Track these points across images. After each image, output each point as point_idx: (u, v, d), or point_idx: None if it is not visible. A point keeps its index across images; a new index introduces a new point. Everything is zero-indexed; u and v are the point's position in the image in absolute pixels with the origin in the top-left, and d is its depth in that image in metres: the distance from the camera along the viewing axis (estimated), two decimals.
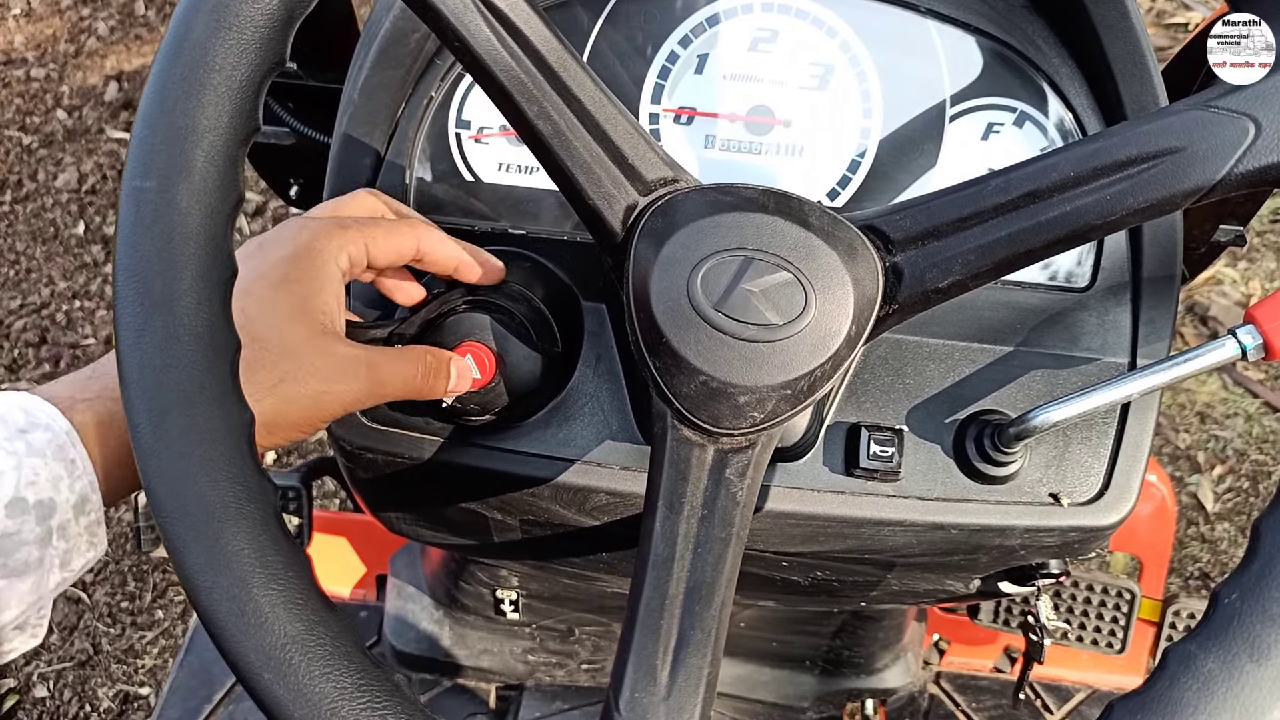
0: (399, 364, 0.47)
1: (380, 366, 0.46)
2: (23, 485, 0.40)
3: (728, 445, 0.41)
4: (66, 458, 0.42)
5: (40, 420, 0.42)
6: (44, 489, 0.41)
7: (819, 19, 0.58)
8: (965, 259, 0.42)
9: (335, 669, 0.34)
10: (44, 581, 0.42)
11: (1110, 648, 1.00)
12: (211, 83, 0.36)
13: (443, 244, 0.50)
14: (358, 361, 0.45)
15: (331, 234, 0.46)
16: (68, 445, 0.42)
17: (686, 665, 0.38)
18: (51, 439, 0.42)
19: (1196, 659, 0.35)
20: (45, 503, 0.41)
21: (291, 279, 0.44)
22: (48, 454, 0.41)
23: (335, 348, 0.45)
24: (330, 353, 0.44)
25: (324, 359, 0.44)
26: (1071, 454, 0.55)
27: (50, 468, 0.41)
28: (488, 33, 0.41)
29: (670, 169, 0.44)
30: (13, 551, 0.40)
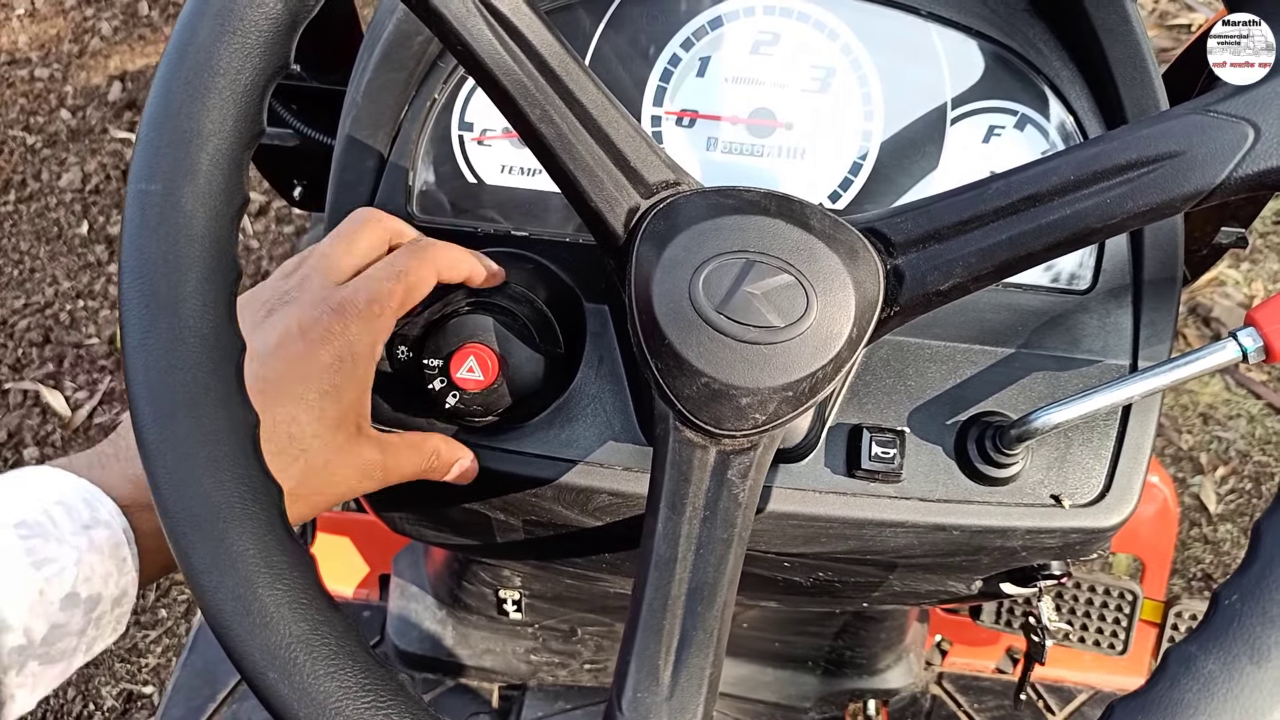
0: (410, 456, 0.50)
1: (392, 470, 0.49)
2: (79, 581, 0.41)
3: (730, 447, 0.42)
4: (120, 556, 0.43)
5: (102, 517, 0.43)
6: (96, 585, 0.42)
7: (820, 22, 0.58)
8: (966, 262, 0.42)
9: (340, 668, 0.34)
10: (70, 667, 0.43)
11: (1112, 649, 1.00)
12: (216, 87, 0.36)
13: (454, 266, 0.51)
14: (376, 466, 0.48)
15: (369, 327, 0.47)
16: (123, 544, 0.43)
17: (689, 666, 0.38)
18: (110, 537, 0.43)
19: (1197, 660, 0.35)
20: (94, 598, 0.42)
21: (339, 388, 0.46)
22: (105, 551, 0.42)
23: (362, 452, 0.47)
24: (357, 457, 0.47)
25: (352, 464, 0.47)
26: (1073, 456, 0.55)
27: (105, 565, 0.42)
28: (490, 36, 0.41)
29: (672, 171, 0.44)
30: (56, 641, 0.41)
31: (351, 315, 0.46)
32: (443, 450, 0.52)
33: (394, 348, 0.52)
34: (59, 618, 0.41)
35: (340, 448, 0.46)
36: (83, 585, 0.41)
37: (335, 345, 0.46)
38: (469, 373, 0.50)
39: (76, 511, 0.42)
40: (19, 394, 1.93)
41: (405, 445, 0.50)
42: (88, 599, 0.42)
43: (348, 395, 0.46)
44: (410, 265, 0.48)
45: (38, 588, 0.40)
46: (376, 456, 0.48)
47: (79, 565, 0.41)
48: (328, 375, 0.45)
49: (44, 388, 1.93)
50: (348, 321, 0.46)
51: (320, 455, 0.45)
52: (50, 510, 0.42)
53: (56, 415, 1.90)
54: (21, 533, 0.41)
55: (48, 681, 0.42)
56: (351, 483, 0.47)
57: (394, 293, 0.47)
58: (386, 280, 0.48)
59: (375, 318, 0.47)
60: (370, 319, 0.47)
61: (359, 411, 0.47)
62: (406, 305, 0.49)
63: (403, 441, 0.50)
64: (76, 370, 1.97)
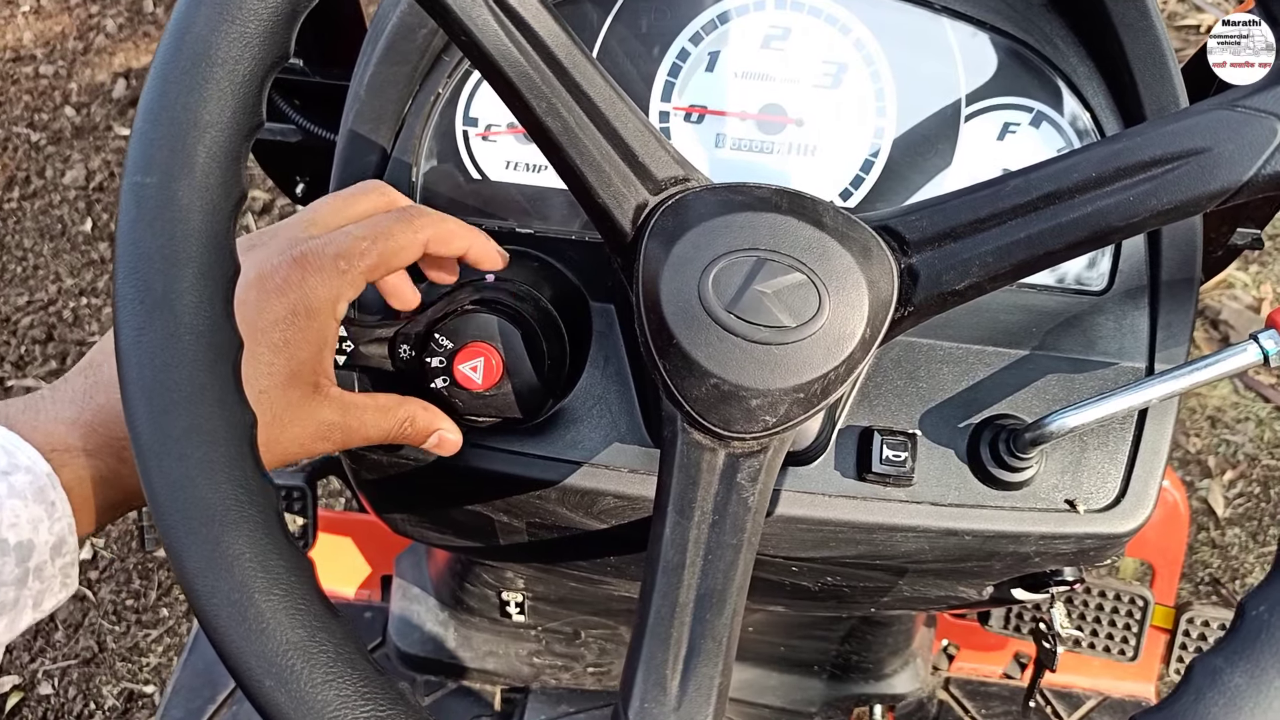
0: (376, 419, 0.47)
1: (353, 433, 0.46)
2: (4, 527, 0.40)
3: (739, 449, 0.41)
4: (47, 500, 0.41)
5: (21, 462, 0.41)
6: (24, 530, 0.40)
7: (832, 16, 0.57)
8: (983, 261, 0.41)
9: (338, 676, 0.33)
10: (17, 622, 0.41)
11: (1123, 655, 0.99)
12: (214, 77, 0.35)
13: (448, 239, 0.48)
14: (334, 427, 0.46)
15: (330, 282, 0.44)
16: (48, 488, 0.41)
17: (697, 675, 0.37)
18: (32, 481, 0.41)
19: (1223, 673, 0.34)
20: (25, 544, 0.40)
21: (291, 344, 0.43)
22: (28, 496, 0.40)
23: (318, 412, 0.45)
24: (313, 417, 0.45)
25: (305, 424, 0.45)
26: (1088, 460, 0.54)
27: (30, 510, 0.40)
28: (496, 28, 0.40)
29: (681, 167, 0.43)
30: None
31: (312, 267, 0.44)
32: (419, 417, 0.49)
33: (396, 346, 0.51)
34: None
35: (292, 404, 0.44)
36: (9, 531, 0.40)
37: (290, 297, 0.43)
38: (472, 372, 0.49)
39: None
40: (21, 391, 1.93)
41: (373, 408, 0.47)
42: (18, 545, 0.40)
43: (301, 352, 0.44)
44: (393, 229, 0.46)
45: None
46: (334, 417, 0.45)
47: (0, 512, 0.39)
48: (279, 329, 0.43)
49: (46, 385, 1.92)
50: (306, 273, 0.43)
51: (268, 411, 0.43)
52: None
53: None
54: None
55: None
56: (304, 441, 0.45)
57: (365, 251, 0.45)
58: (363, 238, 0.45)
59: (340, 273, 0.44)
60: (333, 273, 0.44)
61: (315, 369, 0.45)
62: (381, 269, 0.46)
63: (371, 403, 0.47)
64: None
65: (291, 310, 0.43)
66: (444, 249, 0.48)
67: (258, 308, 0.43)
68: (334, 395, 0.46)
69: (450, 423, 0.50)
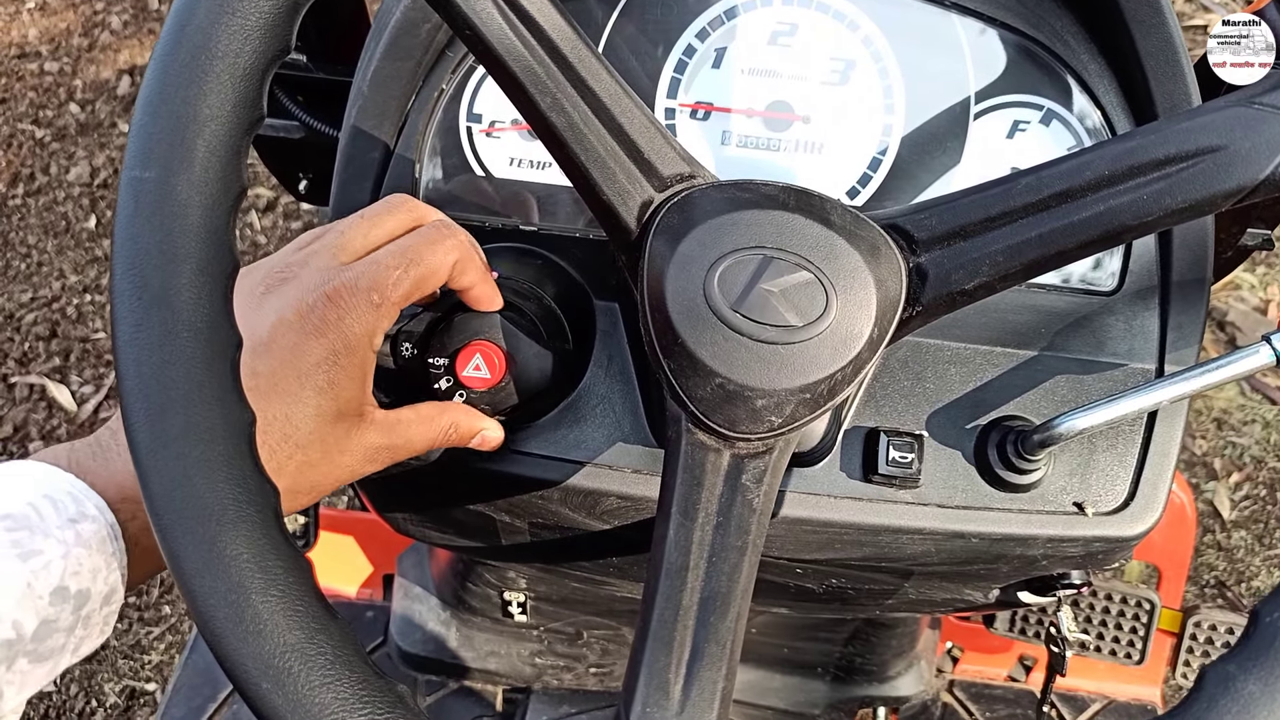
0: (421, 431, 0.48)
1: (400, 449, 0.47)
2: (68, 575, 0.40)
3: (744, 450, 0.40)
4: (107, 551, 0.42)
5: (89, 511, 0.42)
6: (84, 580, 0.41)
7: (840, 12, 0.57)
8: (993, 260, 0.40)
9: (336, 678, 0.33)
10: (57, 667, 0.42)
11: (1129, 658, 0.98)
12: (214, 70, 0.35)
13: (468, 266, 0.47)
14: (381, 449, 0.46)
15: (365, 318, 0.44)
16: (109, 540, 0.42)
17: (700, 679, 0.36)
18: (97, 531, 0.42)
19: (1236, 680, 0.33)
20: (83, 593, 0.41)
21: (336, 384, 0.43)
22: (93, 546, 0.41)
23: (366, 438, 0.45)
24: (361, 444, 0.45)
25: (355, 453, 0.45)
26: (1096, 462, 0.53)
27: (93, 560, 0.41)
28: (500, 21, 0.39)
29: (687, 164, 0.43)
30: (46, 638, 0.40)
31: (347, 305, 0.43)
32: (461, 423, 0.49)
33: (398, 345, 0.51)
34: (48, 612, 0.40)
35: (340, 438, 0.44)
36: (71, 579, 0.40)
37: (330, 338, 0.43)
38: (475, 371, 0.49)
39: (63, 505, 0.41)
40: (25, 388, 1.93)
41: (416, 421, 0.47)
42: (77, 594, 0.41)
43: (345, 391, 0.44)
44: (423, 254, 0.45)
45: (25, 580, 0.39)
46: (381, 440, 0.46)
47: (66, 559, 0.40)
48: (322, 371, 0.43)
49: (50, 382, 1.92)
50: (343, 311, 0.43)
51: (318, 451, 0.44)
52: (36, 503, 0.41)
53: (62, 410, 1.90)
54: (6, 524, 0.39)
55: (35, 680, 0.41)
56: (355, 468, 0.46)
57: (398, 282, 0.44)
58: (393, 267, 0.44)
59: (374, 307, 0.44)
60: (368, 308, 0.43)
61: (360, 400, 0.45)
62: (414, 296, 0.45)
63: (414, 416, 0.47)
64: (83, 365, 1.96)
65: (332, 351, 0.43)
66: (461, 279, 0.48)
67: (297, 350, 0.43)
68: (378, 419, 0.46)
69: (492, 422, 0.50)
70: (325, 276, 0.44)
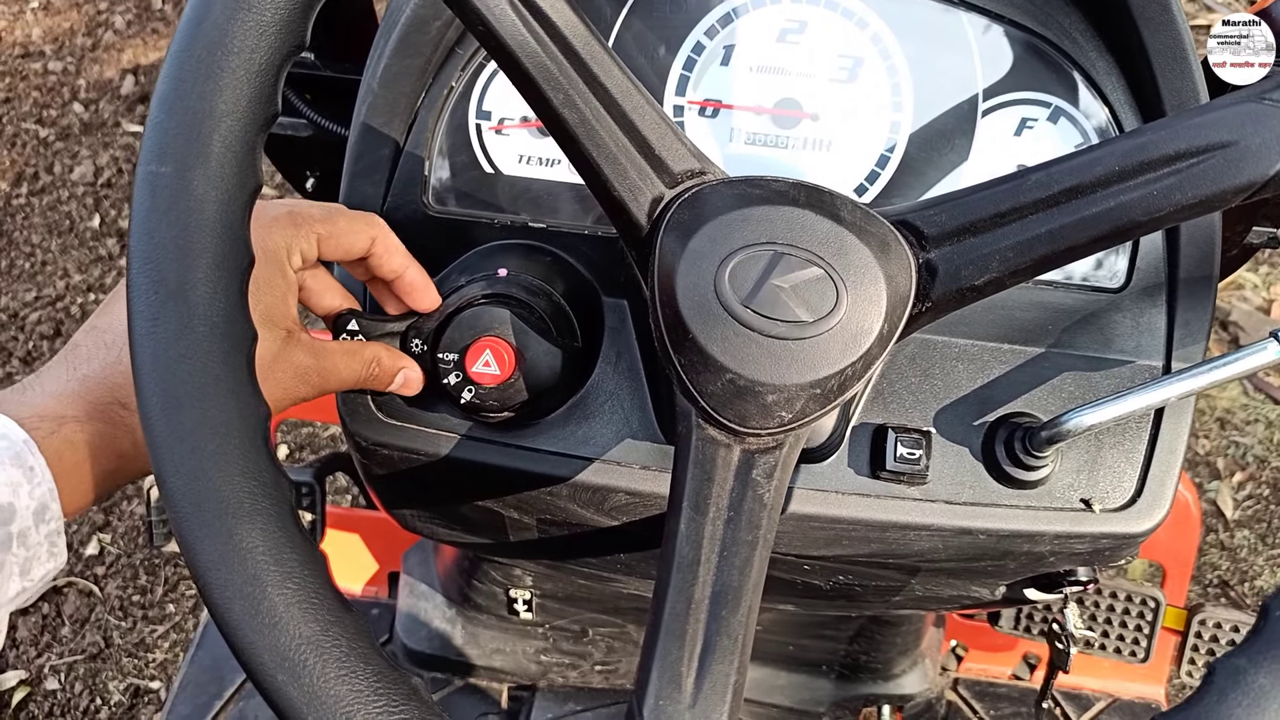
0: (348, 362, 0.49)
1: (329, 375, 0.48)
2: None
3: (754, 445, 0.40)
4: (25, 464, 0.42)
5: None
6: (3, 493, 0.41)
7: (849, 10, 0.57)
8: (1003, 256, 0.41)
9: (351, 671, 0.33)
10: (4, 588, 0.42)
11: (1134, 656, 0.98)
12: (230, 65, 0.35)
13: (394, 249, 0.50)
14: (310, 370, 0.48)
15: (283, 231, 0.47)
16: (25, 453, 0.42)
17: (712, 673, 0.37)
18: (9, 447, 0.42)
19: (1246, 674, 0.33)
20: (5, 507, 0.41)
21: (257, 289, 0.44)
22: (5, 460, 0.41)
23: (294, 356, 0.47)
24: (290, 361, 0.47)
25: (285, 369, 0.47)
26: (1104, 459, 0.53)
27: (8, 473, 0.41)
28: (513, 17, 0.40)
29: (698, 160, 0.43)
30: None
31: (266, 218, 0.46)
32: (384, 358, 0.50)
33: (408, 340, 0.51)
34: None
35: (268, 349, 0.45)
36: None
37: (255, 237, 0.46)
38: (485, 367, 0.49)
39: None
40: None
41: (342, 352, 0.49)
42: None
43: (266, 296, 0.46)
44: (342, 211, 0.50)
45: None
46: (309, 360, 0.47)
47: None
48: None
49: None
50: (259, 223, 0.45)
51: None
52: None
53: None
54: None
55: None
56: (287, 386, 0.47)
57: (317, 217, 0.48)
58: (315, 206, 0.49)
59: (294, 226, 0.47)
60: (287, 224, 0.47)
61: (283, 314, 0.47)
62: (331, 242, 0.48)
63: (339, 348, 0.49)
64: None
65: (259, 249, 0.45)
66: (385, 259, 0.50)
67: None
68: (305, 340, 0.48)
69: (413, 363, 0.52)
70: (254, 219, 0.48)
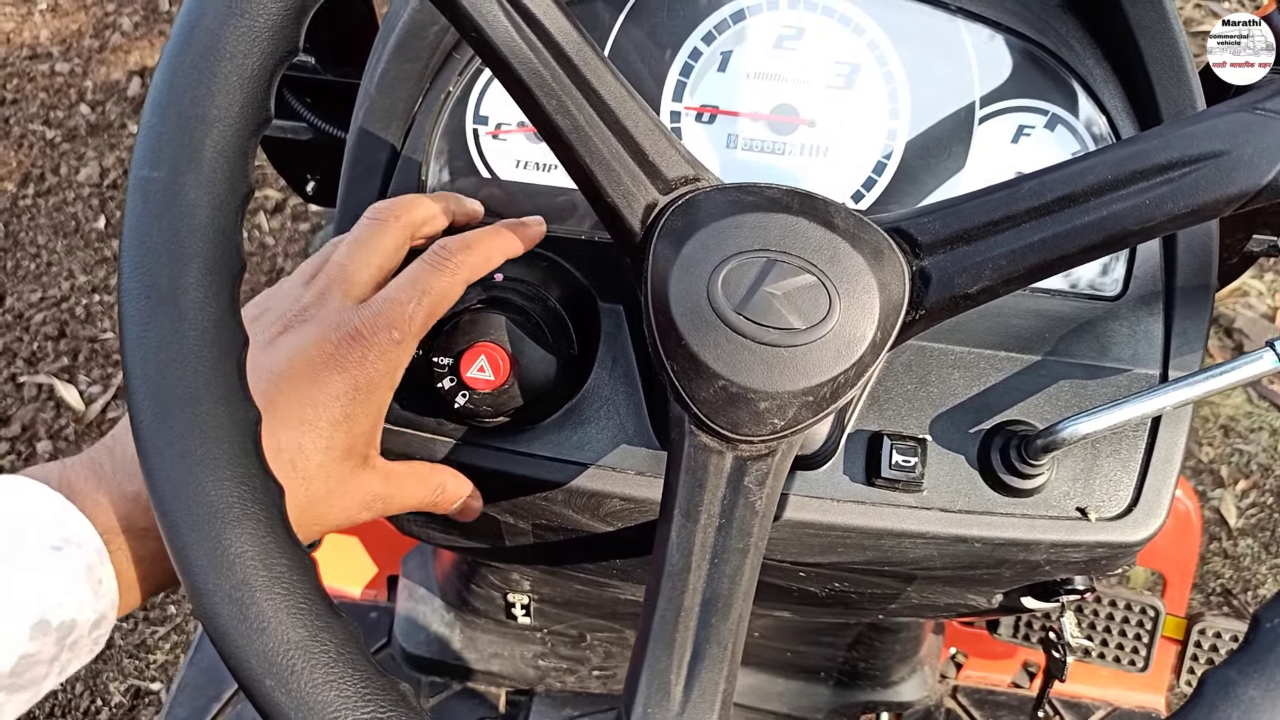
0: (415, 488, 0.49)
1: (394, 501, 0.47)
2: (50, 608, 0.38)
3: (747, 453, 0.40)
4: (95, 578, 0.40)
5: (73, 537, 0.40)
6: (69, 610, 0.39)
7: (846, 16, 0.57)
8: (996, 264, 0.41)
9: (339, 677, 0.33)
10: (40, 691, 0.40)
11: (1133, 665, 0.98)
12: (222, 71, 0.35)
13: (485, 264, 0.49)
14: (377, 498, 0.46)
15: (388, 355, 0.44)
16: (97, 565, 0.40)
17: (702, 681, 0.36)
18: (83, 559, 0.39)
19: (1237, 685, 0.33)
20: (67, 624, 0.39)
21: (352, 418, 0.44)
22: (77, 575, 0.39)
23: (367, 484, 0.46)
24: (361, 489, 0.45)
25: (355, 496, 0.45)
26: (1100, 467, 0.53)
27: (78, 590, 0.39)
28: (506, 24, 0.40)
29: (691, 167, 0.43)
30: (25, 671, 0.38)
31: (370, 342, 0.44)
32: (449, 485, 0.51)
33: None
34: (27, 647, 0.38)
35: (344, 479, 0.44)
36: (53, 612, 0.38)
37: (351, 373, 0.44)
38: (479, 372, 0.49)
39: (44, 529, 0.39)
40: (34, 387, 1.94)
41: (411, 476, 0.49)
42: (60, 626, 0.39)
43: (360, 425, 0.44)
44: (433, 283, 0.46)
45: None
46: (380, 488, 0.46)
47: (46, 590, 0.38)
48: (340, 404, 0.43)
49: (58, 381, 1.93)
50: (366, 349, 0.44)
51: (323, 486, 0.44)
52: (18, 528, 0.39)
53: (70, 409, 1.90)
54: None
55: (14, 708, 0.39)
56: (351, 512, 0.46)
57: (414, 316, 0.45)
58: (407, 302, 0.45)
59: (395, 344, 0.45)
60: (389, 346, 0.44)
61: (368, 441, 0.45)
62: (430, 324, 0.47)
63: (410, 472, 0.49)
64: (91, 365, 1.97)
65: (354, 386, 0.44)
66: (486, 270, 0.49)
67: (317, 381, 0.43)
68: (380, 466, 0.47)
69: (476, 492, 0.53)
70: (344, 317, 0.45)
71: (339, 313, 0.45)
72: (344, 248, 0.48)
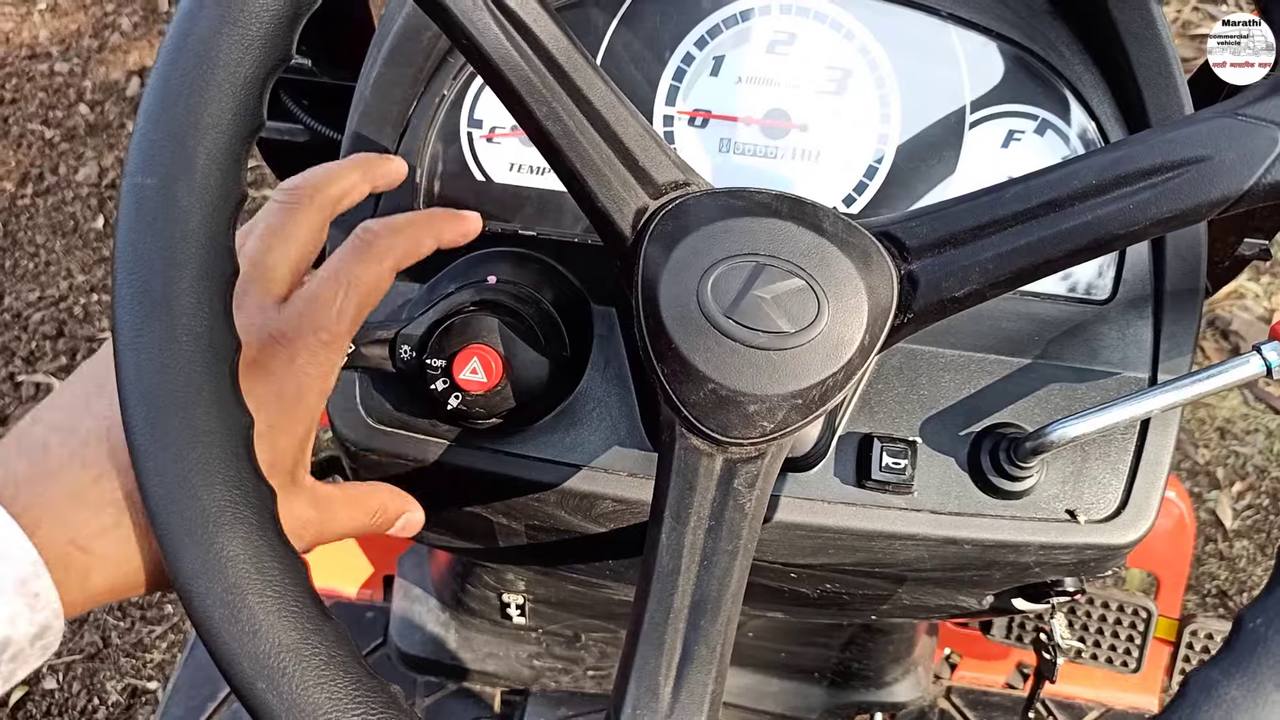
0: (349, 513, 0.44)
1: (326, 530, 0.43)
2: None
3: (736, 455, 0.41)
4: (29, 592, 0.36)
5: (3, 549, 0.36)
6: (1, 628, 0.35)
7: (838, 22, 0.57)
8: (983, 268, 0.41)
9: (330, 679, 0.33)
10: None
11: (1125, 666, 0.98)
12: (215, 79, 0.36)
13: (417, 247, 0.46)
14: (308, 524, 0.42)
15: (318, 358, 0.41)
16: (31, 579, 0.36)
17: (690, 682, 0.37)
18: (14, 572, 0.35)
19: (1219, 686, 0.34)
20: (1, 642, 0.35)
21: (275, 428, 0.40)
22: (8, 590, 0.35)
23: (294, 508, 0.41)
24: (288, 513, 0.39)
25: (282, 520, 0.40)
26: (1089, 470, 0.53)
27: (9, 605, 0.35)
28: (496, 31, 0.40)
29: (681, 172, 0.43)
30: None
31: (296, 346, 0.40)
32: (389, 506, 0.46)
33: (397, 347, 0.51)
34: None
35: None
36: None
37: (275, 381, 0.40)
38: (472, 374, 0.49)
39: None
40: (31, 386, 1.94)
41: (345, 501, 0.44)
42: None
43: (284, 439, 0.40)
44: (357, 274, 0.43)
45: None
46: (309, 514, 0.42)
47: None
48: (261, 414, 0.38)
49: (56, 381, 1.93)
50: (293, 353, 0.40)
51: None
52: None
53: None
54: None
55: None
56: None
57: (343, 312, 0.42)
58: (334, 298, 0.42)
59: (324, 346, 0.41)
60: (318, 348, 0.41)
61: (295, 458, 0.41)
62: (361, 318, 0.43)
63: (343, 496, 0.44)
64: None
65: (277, 394, 0.40)
66: (415, 258, 0.46)
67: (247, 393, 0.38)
68: (308, 487, 0.42)
69: (416, 505, 0.48)
70: (264, 319, 0.41)
71: (259, 313, 0.41)
72: (255, 239, 0.43)
